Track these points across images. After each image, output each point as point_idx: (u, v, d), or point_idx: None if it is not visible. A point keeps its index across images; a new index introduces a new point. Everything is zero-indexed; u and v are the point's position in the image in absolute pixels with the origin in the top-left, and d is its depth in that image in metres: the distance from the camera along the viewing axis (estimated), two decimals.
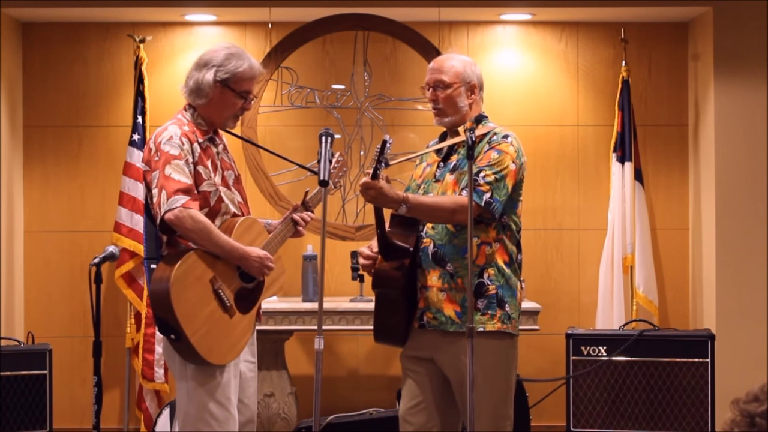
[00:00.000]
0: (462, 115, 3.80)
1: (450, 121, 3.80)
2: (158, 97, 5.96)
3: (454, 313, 3.67)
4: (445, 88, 3.78)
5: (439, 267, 3.69)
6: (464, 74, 3.81)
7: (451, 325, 3.68)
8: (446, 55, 3.92)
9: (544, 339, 5.94)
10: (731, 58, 5.79)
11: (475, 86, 3.83)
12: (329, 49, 6.10)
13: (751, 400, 1.64)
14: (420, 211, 3.64)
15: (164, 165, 3.53)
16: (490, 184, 3.64)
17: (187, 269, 3.49)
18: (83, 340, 6.03)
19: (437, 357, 3.73)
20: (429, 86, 3.82)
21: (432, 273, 3.70)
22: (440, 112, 3.81)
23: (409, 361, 3.80)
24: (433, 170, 3.83)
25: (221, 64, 3.65)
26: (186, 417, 3.59)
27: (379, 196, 3.56)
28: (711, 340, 5.29)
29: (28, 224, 6.13)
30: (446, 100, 3.78)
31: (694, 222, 6.10)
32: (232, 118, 3.72)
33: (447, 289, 3.68)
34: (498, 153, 3.69)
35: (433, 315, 3.70)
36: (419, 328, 3.74)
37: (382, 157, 3.51)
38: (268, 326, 5.31)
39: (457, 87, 3.78)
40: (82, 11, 5.93)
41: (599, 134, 6.15)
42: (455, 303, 3.68)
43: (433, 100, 3.80)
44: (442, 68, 3.82)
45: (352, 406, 5.60)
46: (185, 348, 3.49)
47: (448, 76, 3.79)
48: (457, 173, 3.73)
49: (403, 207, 3.58)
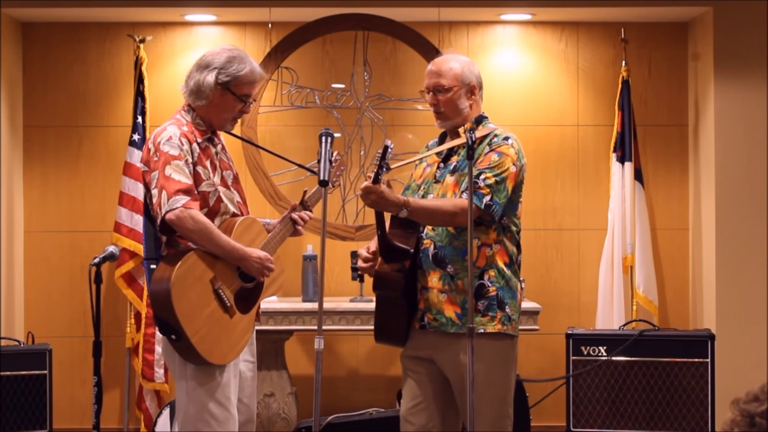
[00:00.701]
0: (463, 117, 3.80)
1: (452, 124, 3.80)
2: (158, 97, 5.96)
3: (454, 314, 3.68)
4: (446, 92, 3.77)
5: (439, 268, 3.69)
6: (463, 76, 3.80)
7: (452, 326, 3.68)
8: (444, 57, 3.89)
9: (544, 339, 5.94)
10: (731, 58, 5.79)
11: (474, 87, 3.82)
12: (329, 49, 6.10)
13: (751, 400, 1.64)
14: (421, 215, 3.64)
15: (164, 165, 3.52)
16: (490, 187, 3.64)
17: (188, 269, 3.49)
18: (83, 340, 6.03)
19: (437, 357, 3.74)
20: (429, 90, 3.81)
21: (432, 274, 3.70)
22: (442, 116, 3.80)
23: (409, 361, 3.80)
24: (434, 171, 3.83)
25: (222, 67, 3.64)
26: (186, 417, 3.59)
27: (380, 201, 3.56)
28: (711, 340, 5.29)
29: (28, 224, 6.13)
30: (447, 103, 3.78)
31: (694, 222, 6.09)
32: (231, 121, 3.72)
33: (447, 291, 3.69)
34: (498, 155, 3.69)
35: (433, 316, 3.71)
36: (420, 329, 3.75)
37: (383, 162, 3.51)
38: (268, 326, 5.31)
39: (456, 90, 3.77)
40: (82, 11, 5.93)
41: (599, 134, 6.15)
42: (456, 304, 3.68)
43: (434, 104, 3.79)
44: (441, 71, 3.80)
45: (352, 406, 5.60)
46: (186, 348, 3.49)
47: (447, 80, 3.78)
48: (457, 174, 3.73)
49: (404, 211, 3.58)
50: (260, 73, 3.73)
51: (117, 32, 6.09)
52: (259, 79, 3.71)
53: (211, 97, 3.64)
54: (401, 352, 3.84)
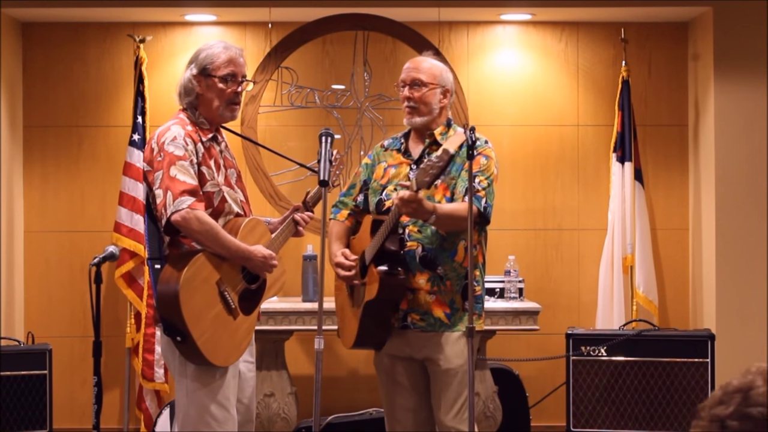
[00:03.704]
0: (433, 117, 3.84)
1: (422, 121, 3.84)
2: (158, 97, 5.96)
3: (444, 314, 3.74)
4: (422, 87, 3.81)
5: (427, 270, 3.74)
6: (441, 77, 3.86)
7: (441, 326, 3.75)
8: (423, 57, 3.96)
9: (544, 339, 5.94)
10: (731, 58, 5.79)
11: (448, 91, 3.89)
12: (329, 49, 6.10)
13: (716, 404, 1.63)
14: (444, 221, 3.66)
15: (169, 166, 3.52)
16: (485, 190, 3.71)
17: (196, 272, 3.49)
18: (83, 340, 6.03)
19: (418, 355, 3.79)
20: (405, 84, 3.85)
21: (419, 276, 3.75)
22: (414, 110, 3.83)
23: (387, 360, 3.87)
24: (403, 172, 3.84)
25: (195, 59, 3.69)
26: (186, 417, 3.59)
27: (418, 209, 3.56)
28: (711, 340, 5.29)
29: (28, 224, 6.12)
30: (421, 99, 3.82)
31: (694, 222, 6.09)
32: (227, 107, 3.68)
33: (437, 292, 3.74)
34: (486, 159, 3.78)
35: (420, 317, 3.75)
36: (400, 329, 3.78)
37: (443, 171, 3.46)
38: (268, 326, 5.31)
39: (432, 87, 3.83)
40: (82, 11, 5.94)
41: (599, 134, 6.15)
42: (445, 305, 3.75)
43: (408, 98, 3.83)
44: (420, 68, 3.87)
45: (352, 406, 5.60)
46: (190, 350, 3.49)
47: (425, 76, 3.83)
48: (446, 178, 3.73)
49: (433, 217, 3.60)
50: (235, 48, 3.71)
51: (117, 32, 6.09)
52: (235, 55, 3.68)
53: (196, 89, 3.65)
54: (377, 353, 3.91)
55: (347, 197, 4.05)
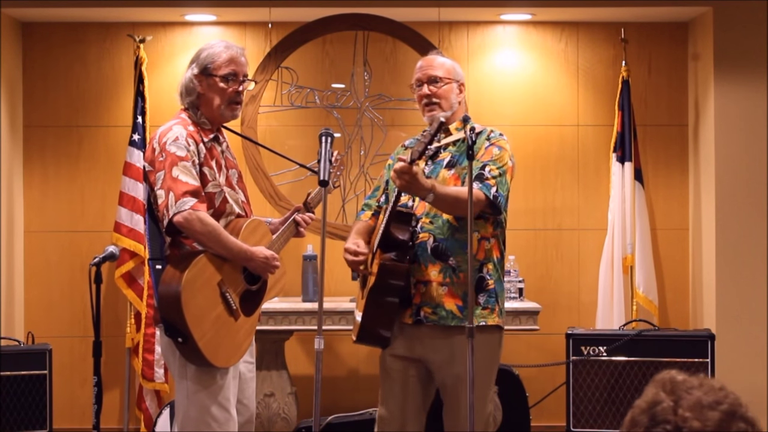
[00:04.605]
0: (453, 112, 3.84)
1: (444, 117, 3.81)
2: (158, 97, 5.96)
3: (455, 307, 3.69)
4: (440, 83, 3.82)
5: (440, 261, 3.70)
6: (455, 72, 3.88)
7: (452, 319, 3.69)
8: (434, 56, 3.96)
9: (544, 339, 5.94)
10: (731, 58, 5.79)
11: (463, 85, 3.91)
12: (329, 49, 6.10)
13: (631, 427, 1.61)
14: (443, 201, 3.62)
15: (171, 166, 3.51)
16: (495, 179, 3.69)
17: (198, 273, 3.49)
18: (83, 340, 6.03)
19: (430, 358, 3.74)
20: (422, 82, 3.84)
21: (431, 267, 3.70)
22: (436, 107, 3.82)
23: (395, 361, 3.79)
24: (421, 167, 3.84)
25: (196, 59, 3.69)
26: (186, 418, 3.59)
27: (411, 182, 3.53)
28: (711, 340, 5.29)
29: (28, 224, 6.12)
30: (441, 94, 3.82)
31: (694, 222, 6.09)
32: (228, 106, 3.68)
33: (449, 284, 3.69)
34: (499, 149, 3.76)
35: (432, 310, 3.71)
36: (413, 325, 3.73)
37: (433, 139, 3.49)
38: (268, 326, 5.31)
39: (449, 82, 3.83)
40: (82, 11, 5.93)
41: (599, 134, 6.15)
42: (457, 297, 3.69)
43: (428, 95, 3.82)
44: (434, 65, 3.87)
45: (352, 406, 5.60)
46: (191, 351, 3.49)
47: (441, 71, 3.85)
48: (458, 168, 3.74)
49: (431, 195, 3.57)
50: (236, 47, 3.71)
51: (117, 32, 6.09)
52: (235, 53, 3.68)
53: (197, 88, 3.65)
54: (385, 351, 3.82)
55: (371, 199, 4.06)
